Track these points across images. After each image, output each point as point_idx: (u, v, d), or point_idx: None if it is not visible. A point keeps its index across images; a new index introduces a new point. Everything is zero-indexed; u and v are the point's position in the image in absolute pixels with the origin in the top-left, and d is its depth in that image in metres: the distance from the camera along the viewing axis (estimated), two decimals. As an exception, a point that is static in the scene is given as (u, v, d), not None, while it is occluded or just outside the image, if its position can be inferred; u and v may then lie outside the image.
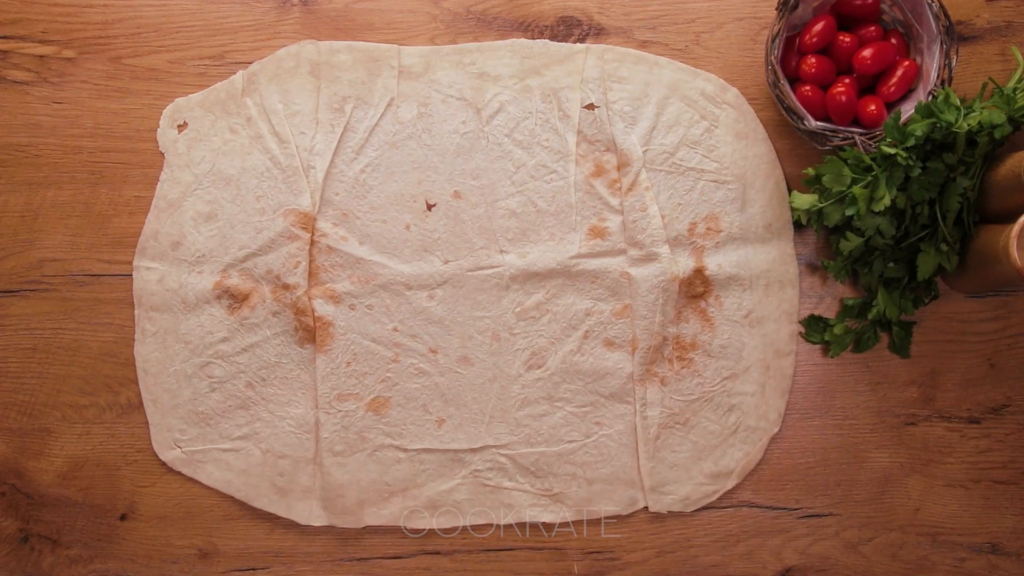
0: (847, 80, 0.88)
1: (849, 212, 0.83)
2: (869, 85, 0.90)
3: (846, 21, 0.90)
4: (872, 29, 0.89)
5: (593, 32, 0.94)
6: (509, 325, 0.90)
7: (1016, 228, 0.77)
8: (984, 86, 0.86)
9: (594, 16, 0.94)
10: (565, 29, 0.94)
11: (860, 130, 0.86)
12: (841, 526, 0.91)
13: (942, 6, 0.85)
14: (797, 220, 0.90)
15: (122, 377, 0.91)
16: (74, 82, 0.93)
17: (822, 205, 0.85)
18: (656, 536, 0.90)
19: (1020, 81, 0.85)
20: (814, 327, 0.91)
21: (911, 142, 0.80)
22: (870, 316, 0.89)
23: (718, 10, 0.94)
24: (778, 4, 0.86)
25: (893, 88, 0.88)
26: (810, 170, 0.87)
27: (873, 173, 0.82)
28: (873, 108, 0.87)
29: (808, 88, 0.88)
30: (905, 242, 0.86)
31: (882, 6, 0.90)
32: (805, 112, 0.87)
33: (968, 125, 0.80)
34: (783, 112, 0.87)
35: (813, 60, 0.87)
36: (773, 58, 0.86)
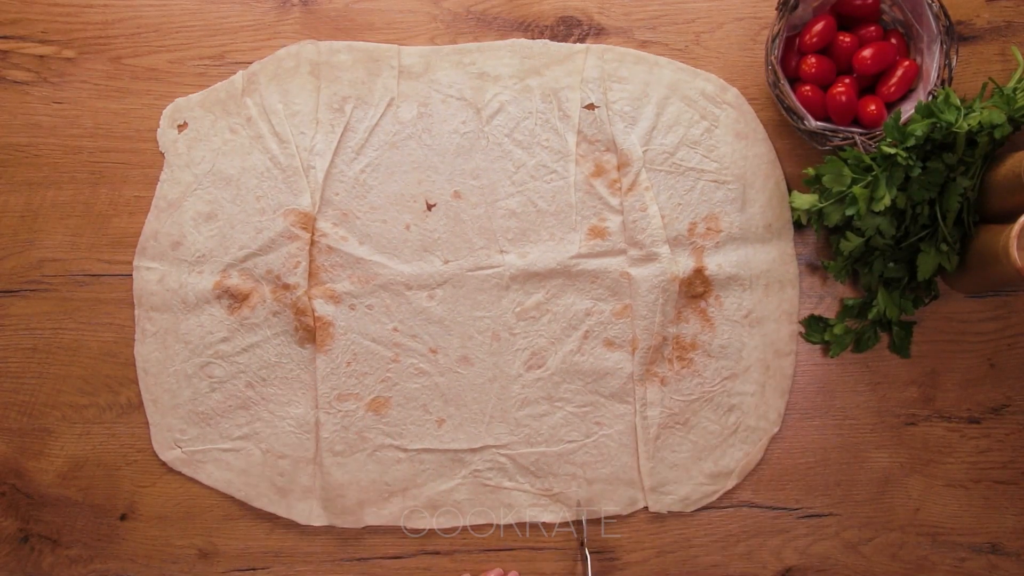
0: (847, 80, 0.88)
1: (849, 212, 0.83)
2: (869, 85, 0.90)
3: (846, 21, 0.90)
4: (872, 29, 0.89)
5: (593, 32, 0.94)
6: (509, 325, 0.90)
7: (1016, 228, 0.77)
8: (984, 86, 0.86)
9: (594, 16, 0.94)
10: (565, 29, 0.94)
11: (860, 130, 0.86)
12: (841, 526, 0.91)
13: (942, 6, 0.85)
14: (797, 220, 0.90)
15: (122, 377, 0.91)
16: (74, 82, 0.93)
17: (822, 205, 0.85)
18: (656, 536, 0.90)
19: (1020, 81, 0.85)
20: (814, 327, 0.91)
21: (911, 142, 0.80)
22: (870, 316, 0.89)
23: (718, 10, 0.94)
24: (778, 4, 0.86)
25: (893, 88, 0.88)
26: (810, 170, 0.87)
27: (873, 173, 0.82)
28: (873, 108, 0.87)
29: (808, 88, 0.88)
30: (905, 242, 0.86)
31: (882, 6, 0.90)
32: (805, 112, 0.87)
33: (968, 125, 0.80)
34: (783, 112, 0.87)
35: (813, 60, 0.87)
36: (773, 58, 0.86)
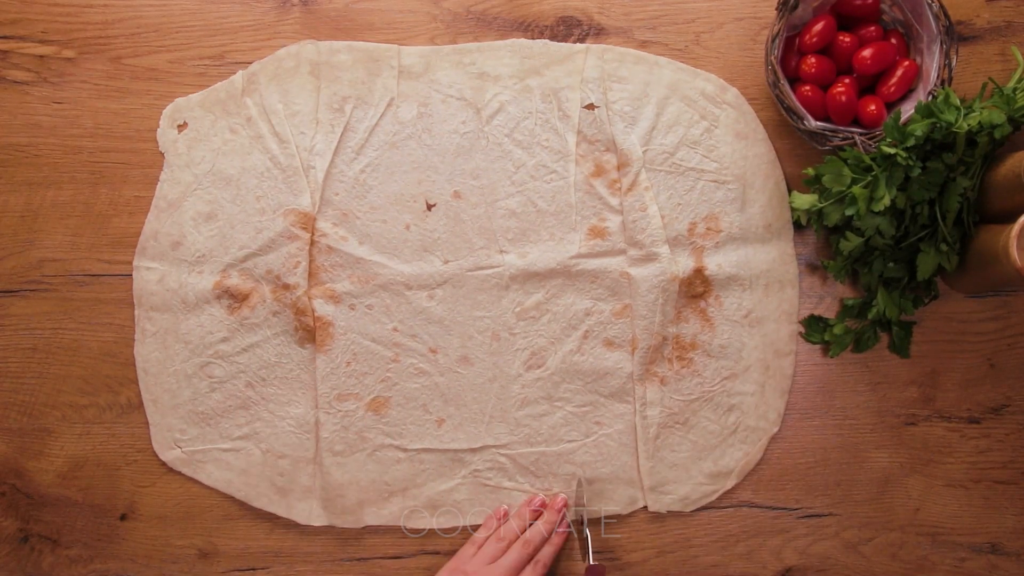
0: (847, 80, 0.88)
1: (849, 212, 0.83)
2: (869, 85, 0.90)
3: (846, 21, 0.90)
4: (872, 29, 0.89)
5: (593, 32, 0.94)
6: (509, 325, 0.90)
7: (1016, 228, 0.77)
8: (984, 86, 0.86)
9: (594, 16, 0.94)
10: (565, 29, 0.94)
11: (860, 130, 0.86)
12: (841, 526, 0.91)
13: (942, 6, 0.85)
14: (797, 220, 0.90)
15: (122, 377, 0.91)
16: (74, 82, 0.93)
17: (822, 205, 0.85)
18: (656, 536, 0.90)
19: (1020, 81, 0.85)
20: (814, 327, 0.91)
21: (911, 142, 0.80)
22: (870, 316, 0.89)
23: (718, 10, 0.94)
24: (778, 4, 0.86)
25: (893, 88, 0.88)
26: (810, 170, 0.87)
27: (873, 173, 0.82)
28: (873, 108, 0.87)
29: (808, 88, 0.88)
30: (905, 242, 0.86)
31: (882, 6, 0.90)
32: (805, 112, 0.86)
33: (968, 125, 0.80)
34: (783, 112, 0.87)
35: (813, 60, 0.87)
36: (773, 58, 0.86)
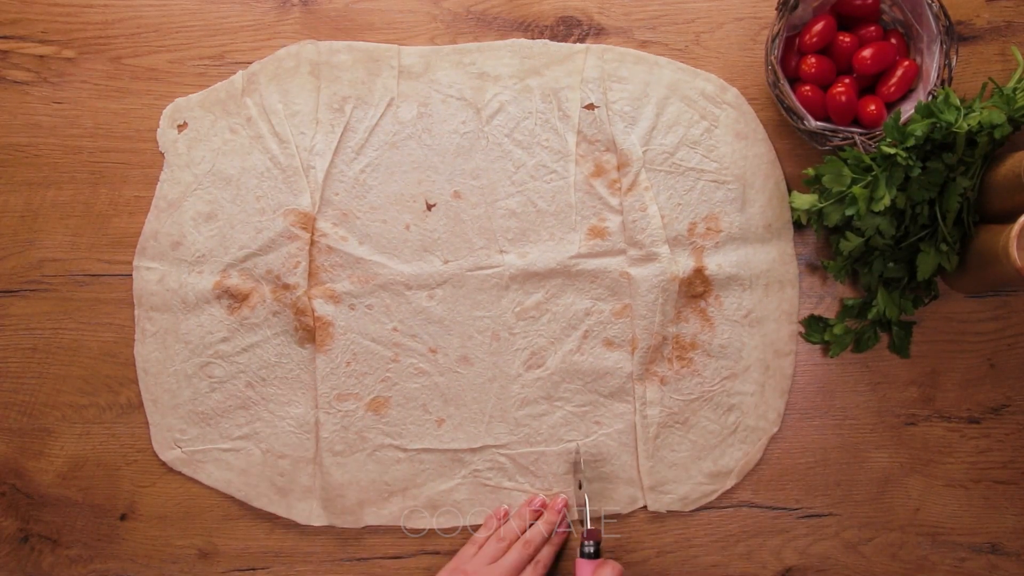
0: (847, 80, 0.88)
1: (849, 212, 0.83)
2: (869, 85, 0.90)
3: (846, 21, 0.90)
4: (872, 29, 0.89)
5: (593, 32, 0.94)
6: (509, 325, 0.90)
7: (1016, 228, 0.77)
8: (984, 86, 0.86)
9: (594, 16, 0.94)
10: (565, 29, 0.94)
11: (860, 130, 0.86)
12: (841, 526, 0.91)
13: (942, 6, 0.85)
14: (797, 220, 0.90)
15: (122, 377, 0.91)
16: (74, 82, 0.93)
17: (822, 205, 0.85)
18: (656, 536, 0.90)
19: (1020, 81, 0.84)
20: (814, 327, 0.91)
21: (911, 142, 0.80)
22: (870, 316, 0.89)
23: (718, 10, 0.94)
24: (778, 4, 0.86)
25: (893, 88, 0.88)
26: (810, 170, 0.87)
27: (873, 173, 0.82)
28: (873, 108, 0.87)
29: (808, 88, 0.88)
30: (905, 242, 0.86)
31: (882, 6, 0.90)
32: (805, 112, 0.86)
33: (968, 125, 0.80)
34: (783, 112, 0.87)
35: (813, 60, 0.87)
36: (773, 58, 0.86)
